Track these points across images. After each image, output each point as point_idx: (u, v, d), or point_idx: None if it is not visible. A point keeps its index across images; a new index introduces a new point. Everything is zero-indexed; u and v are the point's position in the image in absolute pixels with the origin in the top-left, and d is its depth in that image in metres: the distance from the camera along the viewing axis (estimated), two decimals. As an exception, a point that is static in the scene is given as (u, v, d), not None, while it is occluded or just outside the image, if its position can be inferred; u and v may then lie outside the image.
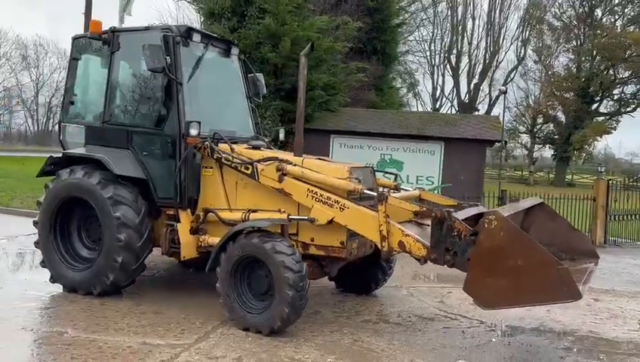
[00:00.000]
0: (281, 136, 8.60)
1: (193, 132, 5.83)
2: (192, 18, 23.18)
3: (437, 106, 49.70)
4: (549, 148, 47.31)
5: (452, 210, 5.01)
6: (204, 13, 14.41)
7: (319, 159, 6.11)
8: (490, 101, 49.18)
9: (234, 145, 6.12)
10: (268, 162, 5.78)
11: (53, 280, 6.44)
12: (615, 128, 42.27)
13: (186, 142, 5.91)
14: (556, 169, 45.88)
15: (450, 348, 5.31)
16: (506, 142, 35.57)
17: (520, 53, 48.32)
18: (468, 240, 4.67)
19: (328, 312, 6.28)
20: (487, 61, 48.51)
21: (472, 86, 48.83)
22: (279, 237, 5.33)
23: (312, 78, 13.57)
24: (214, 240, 5.86)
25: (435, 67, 49.86)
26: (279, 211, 5.73)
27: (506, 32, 48.45)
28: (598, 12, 42.79)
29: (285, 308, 5.06)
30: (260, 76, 7.50)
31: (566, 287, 4.21)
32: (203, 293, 6.63)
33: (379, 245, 5.14)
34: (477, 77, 48.88)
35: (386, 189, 6.05)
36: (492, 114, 40.36)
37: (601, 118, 43.39)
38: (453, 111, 45.86)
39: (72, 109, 6.93)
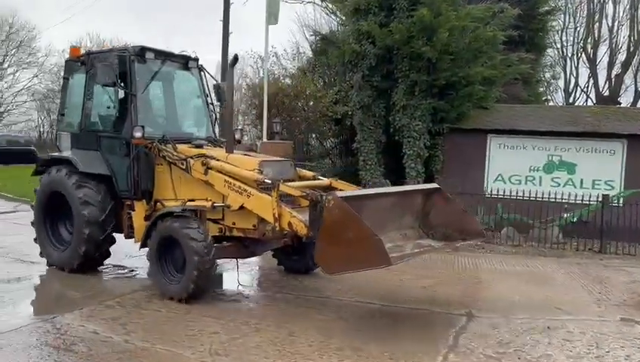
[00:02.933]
0: (237, 136, 8.47)
1: (137, 134, 6.97)
2: (327, 19, 22.63)
3: (570, 101, 45.80)
4: None
5: (326, 193, 5.54)
6: (348, 11, 13.63)
7: (245, 155, 7.19)
8: (636, 92, 44.45)
9: (178, 145, 7.16)
10: (197, 158, 6.77)
11: (42, 255, 7.94)
12: None
13: (133, 143, 7.06)
14: None
15: None
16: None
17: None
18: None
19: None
20: (631, 49, 43.86)
21: (612, 77, 44.36)
22: (190, 220, 6.35)
23: (470, 72, 12.33)
24: None
25: (569, 58, 45.96)
26: (206, 200, 6.72)
27: (652, 15, 43.45)
28: None
29: (194, 272, 6.09)
30: (223, 84, 8.49)
31: (379, 255, 4.95)
32: (405, 323, 6.04)
33: (273, 225, 5.99)
34: (619, 67, 44.32)
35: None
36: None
37: None
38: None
39: (64, 120, 8.31)
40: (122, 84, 7.22)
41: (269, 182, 6.08)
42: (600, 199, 10.78)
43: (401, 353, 4.99)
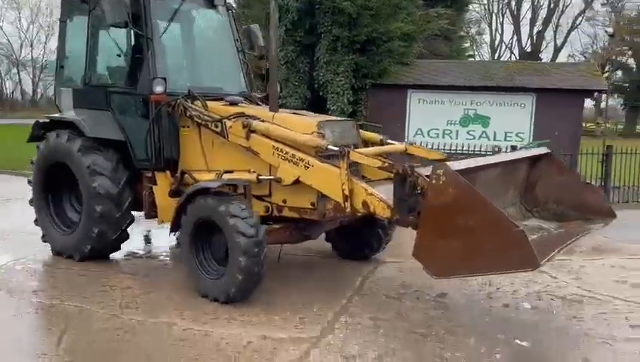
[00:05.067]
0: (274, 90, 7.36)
1: (158, 89, 5.63)
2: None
3: (496, 57, 47.26)
4: (618, 97, 44.50)
5: (417, 164, 4.58)
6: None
7: (294, 113, 5.88)
8: (555, 48, 46.38)
9: (210, 103, 5.80)
10: (235, 118, 5.46)
11: (44, 239, 6.59)
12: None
13: (153, 100, 5.71)
14: (626, 119, 43.23)
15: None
16: (607, 91, 33.72)
17: (587, -3, 45.03)
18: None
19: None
20: (551, 6, 45.48)
21: (534, 33, 46.04)
22: (235, 199, 4.99)
23: (390, 27, 12.49)
24: None
25: (494, 14, 47.16)
26: (249, 171, 5.43)
27: (572, -27, 45.13)
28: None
29: (238, 275, 4.81)
30: (256, 27, 6.93)
31: (520, 253, 3.67)
32: (314, 273, 6.20)
33: (342, 205, 4.78)
34: (540, 24, 45.99)
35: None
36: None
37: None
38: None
39: (63, 73, 6.81)
40: (136, 26, 5.79)
41: (336, 149, 4.85)
42: (509, 150, 11.42)
43: (309, 300, 5.23)
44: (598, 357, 4.25)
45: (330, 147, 4.92)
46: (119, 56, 6.22)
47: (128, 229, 6.24)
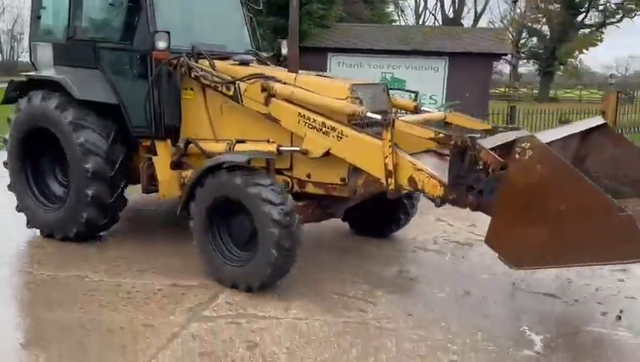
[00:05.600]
0: (284, 50, 6.79)
1: (161, 45, 4.94)
2: None
3: (420, 22, 48.19)
4: (534, 63, 46.72)
5: (478, 135, 4.07)
6: None
7: (319, 75, 5.23)
8: (475, 14, 47.84)
9: (217, 62, 5.15)
10: (251, 80, 4.79)
11: (30, 225, 5.77)
12: (601, 40, 41.66)
13: (154, 57, 5.04)
14: (540, 84, 45.51)
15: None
16: (514, 55, 34.99)
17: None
18: (497, 175, 3.63)
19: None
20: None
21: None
22: (265, 179, 4.35)
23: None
24: None
25: (418, -20, 47.86)
26: (268, 141, 4.80)
27: (491, -60, 46.36)
28: None
29: (273, 251, 4.21)
30: None
31: (629, 242, 3.12)
32: None
33: (384, 182, 4.20)
34: (462, -11, 47.10)
35: (402, 112, 5.24)
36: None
37: (587, 31, 42.63)
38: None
39: (40, 25, 5.97)
40: None
41: (377, 117, 4.26)
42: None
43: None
44: (479, 286, 4.79)
45: (369, 114, 4.33)
46: (112, 5, 5.42)
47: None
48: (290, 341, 3.73)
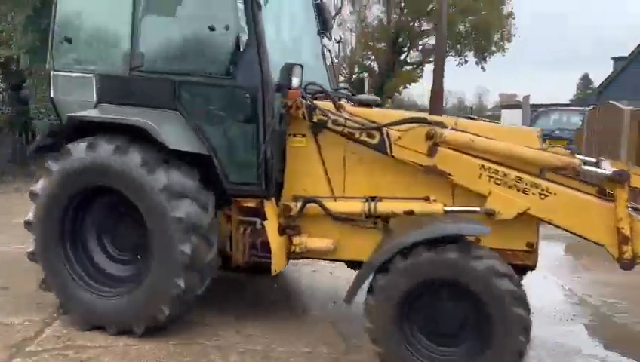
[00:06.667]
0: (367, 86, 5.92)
1: (296, 82, 4.05)
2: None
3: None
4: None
5: None
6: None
7: (470, 118, 4.68)
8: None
9: (324, 102, 4.35)
10: (407, 125, 4.03)
11: (64, 309, 4.51)
12: (421, 77, 46.46)
13: (286, 96, 4.12)
14: (372, 115, 49.11)
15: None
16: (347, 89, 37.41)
17: (337, 3, 49.94)
18: None
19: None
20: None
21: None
22: (482, 249, 3.59)
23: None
24: (316, 243, 4.32)
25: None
26: (427, 199, 4.08)
27: (323, -19, 49.48)
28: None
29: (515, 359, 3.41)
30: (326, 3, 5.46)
31: None
32: None
33: (612, 251, 3.62)
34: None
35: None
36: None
37: (409, 68, 47.27)
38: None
39: (70, 50, 4.63)
40: None
41: (608, 172, 3.67)
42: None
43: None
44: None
45: (587, 168, 3.78)
46: (211, 29, 4.17)
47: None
48: (120, 366, 3.82)
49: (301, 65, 4.10)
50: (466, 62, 26.97)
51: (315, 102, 4.25)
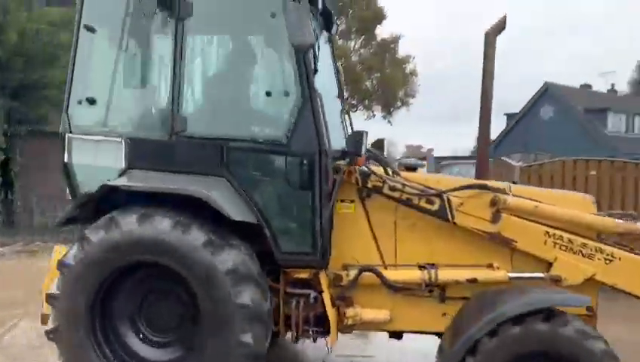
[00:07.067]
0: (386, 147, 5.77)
1: (364, 150, 3.96)
2: None
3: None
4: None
5: None
6: None
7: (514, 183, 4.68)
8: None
9: (374, 167, 4.27)
10: (469, 192, 4.02)
11: None
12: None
13: (355, 163, 4.02)
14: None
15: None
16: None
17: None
18: None
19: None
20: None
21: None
22: (571, 316, 3.53)
23: (46, 74, 12.32)
24: (371, 314, 4.14)
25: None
26: (490, 266, 4.04)
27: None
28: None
29: None
30: (338, 65, 5.39)
31: None
32: None
33: None
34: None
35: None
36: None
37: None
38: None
39: (88, 111, 4.20)
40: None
41: None
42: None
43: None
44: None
45: None
46: (268, 95, 4.16)
47: None
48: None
49: (367, 132, 4.04)
50: (374, 115, 28.27)
51: (370, 167, 4.19)
